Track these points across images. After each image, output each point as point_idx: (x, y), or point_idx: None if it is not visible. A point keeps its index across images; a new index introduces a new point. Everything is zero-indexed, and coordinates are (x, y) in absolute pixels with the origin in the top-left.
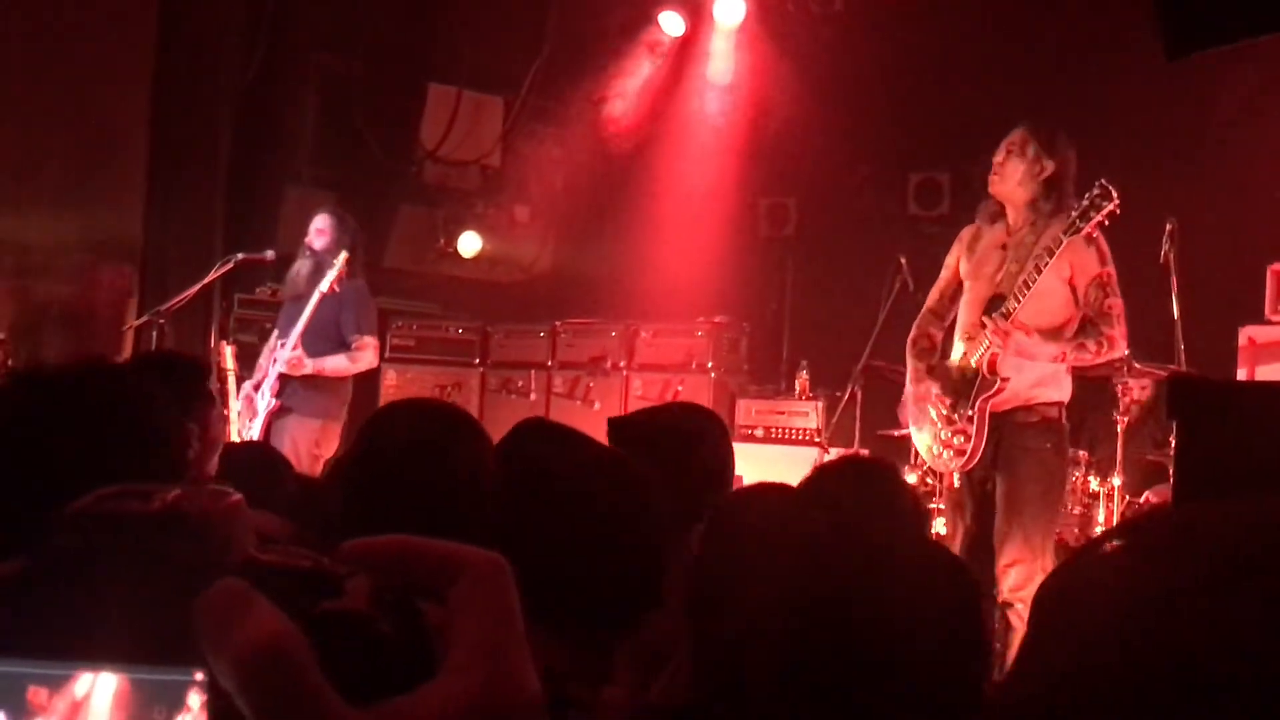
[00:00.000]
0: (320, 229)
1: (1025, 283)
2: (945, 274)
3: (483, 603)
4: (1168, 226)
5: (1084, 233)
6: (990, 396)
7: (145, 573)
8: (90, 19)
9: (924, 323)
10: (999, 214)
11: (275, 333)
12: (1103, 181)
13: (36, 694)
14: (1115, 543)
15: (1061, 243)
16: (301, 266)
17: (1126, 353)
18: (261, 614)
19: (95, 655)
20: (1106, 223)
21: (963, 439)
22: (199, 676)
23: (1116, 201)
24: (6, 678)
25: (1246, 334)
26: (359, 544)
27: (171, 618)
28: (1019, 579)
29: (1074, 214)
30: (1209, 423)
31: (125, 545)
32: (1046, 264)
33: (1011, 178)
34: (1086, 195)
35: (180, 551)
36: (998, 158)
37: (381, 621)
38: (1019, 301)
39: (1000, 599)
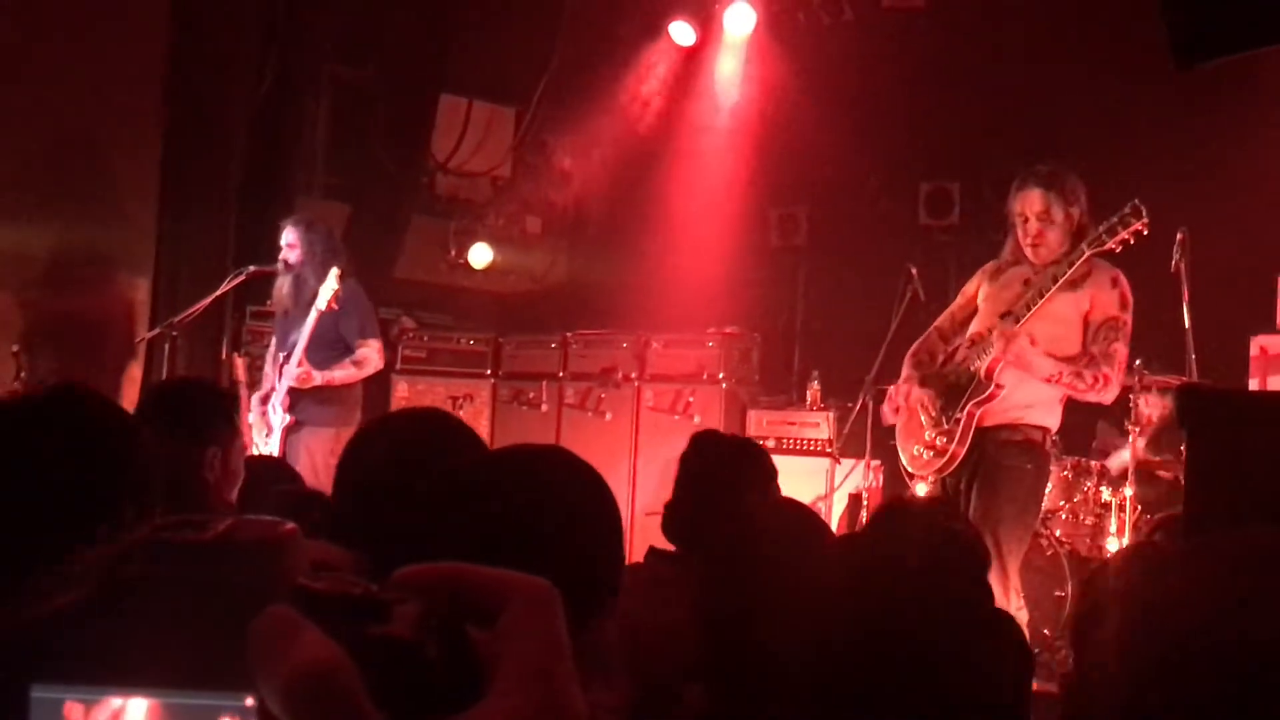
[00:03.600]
0: (290, 243)
1: (1040, 291)
2: (960, 299)
3: (531, 628)
4: (1179, 236)
5: (1107, 247)
6: (982, 401)
7: (199, 600)
8: (102, 30)
9: (929, 340)
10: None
11: (274, 344)
12: (1136, 202)
13: (72, 709)
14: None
15: (1084, 254)
16: (281, 284)
17: (1111, 399)
18: (309, 640)
19: (150, 682)
20: (1131, 240)
21: (945, 439)
22: (249, 702)
23: (1145, 221)
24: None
25: (1258, 343)
26: (411, 571)
27: (224, 644)
28: None
29: (1101, 229)
30: (1220, 432)
31: (181, 574)
32: (1065, 274)
33: (1056, 246)
34: (1117, 213)
35: (234, 579)
36: (1030, 233)
37: (428, 646)
38: (1029, 309)
39: None
